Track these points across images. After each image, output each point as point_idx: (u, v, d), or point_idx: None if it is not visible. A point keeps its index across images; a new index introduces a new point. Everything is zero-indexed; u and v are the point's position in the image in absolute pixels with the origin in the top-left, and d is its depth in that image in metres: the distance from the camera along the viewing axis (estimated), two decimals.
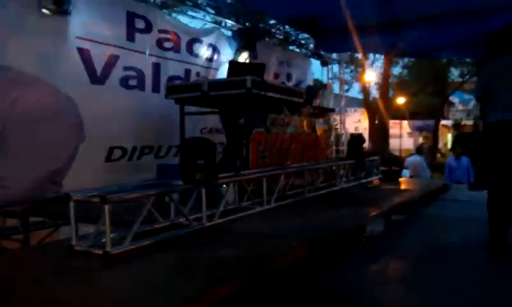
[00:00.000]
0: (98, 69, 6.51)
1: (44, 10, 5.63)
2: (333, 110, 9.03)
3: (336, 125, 13.39)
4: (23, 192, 5.14)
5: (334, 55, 12.14)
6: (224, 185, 4.31)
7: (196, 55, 8.15)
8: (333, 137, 10.62)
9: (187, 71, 8.02)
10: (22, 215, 4.48)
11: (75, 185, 5.37)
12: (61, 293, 2.45)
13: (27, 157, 5.46)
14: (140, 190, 3.49)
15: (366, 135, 18.21)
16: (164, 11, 7.55)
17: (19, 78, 5.59)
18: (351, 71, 25.61)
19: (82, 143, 6.21)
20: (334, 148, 11.27)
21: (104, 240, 3.03)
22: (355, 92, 28.21)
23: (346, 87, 13.74)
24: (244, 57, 6.99)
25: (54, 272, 2.83)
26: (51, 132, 5.81)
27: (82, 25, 6.18)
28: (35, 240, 4.98)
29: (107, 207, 2.96)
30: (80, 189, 4.20)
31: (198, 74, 8.17)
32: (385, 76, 22.54)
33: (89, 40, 6.31)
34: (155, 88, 7.38)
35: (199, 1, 7.86)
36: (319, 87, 10.66)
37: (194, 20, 8.25)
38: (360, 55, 17.24)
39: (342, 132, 12.50)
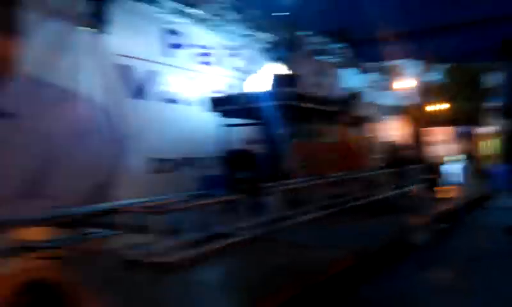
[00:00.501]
0: (139, 84, 6.72)
1: (87, 29, 5.85)
2: (370, 118, 8.97)
3: (373, 133, 13.22)
4: (74, 203, 5.33)
5: (369, 64, 12.10)
6: (267, 195, 4.35)
7: (233, 68, 8.29)
8: (370, 146, 10.51)
9: (224, 84, 8.16)
10: (75, 225, 4.64)
11: (121, 196, 5.54)
12: (116, 300, 2.54)
13: (75, 171, 5.67)
14: (188, 200, 3.58)
15: (404, 143, 17.89)
16: (201, 27, 7.70)
17: (63, 95, 5.83)
18: (387, 78, 25.23)
19: (126, 156, 6.41)
20: (372, 156, 11.15)
21: (155, 248, 3.11)
22: (391, 99, 27.77)
23: (382, 94, 13.58)
24: (279, 69, 7.07)
25: (108, 279, 2.94)
26: (96, 146, 6.03)
27: (123, 42, 6.38)
28: (87, 249, 5.13)
29: (158, 217, 3.06)
30: (126, 200, 4.35)
31: (233, 86, 8.29)
32: (422, 82, 22.16)
33: (130, 57, 6.52)
34: (193, 101, 7.55)
35: (235, 16, 7.98)
36: (355, 95, 10.61)
37: (230, 34, 8.39)
38: (395, 63, 17.04)
39: (379, 140, 12.33)
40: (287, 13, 8.56)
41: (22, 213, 4.72)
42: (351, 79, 11.82)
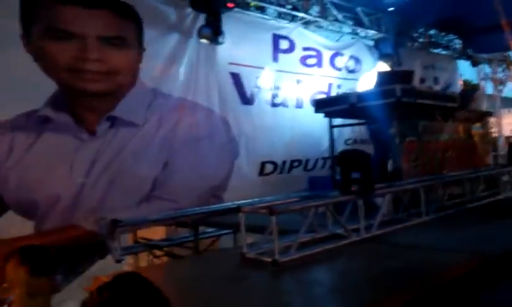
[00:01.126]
0: (248, 90, 7.00)
1: (202, 40, 6.24)
2: (490, 113, 8.33)
3: (493, 128, 12.25)
4: (190, 205, 5.73)
5: (487, 55, 11.27)
6: (379, 196, 4.25)
7: (338, 69, 8.26)
8: (491, 142, 9.76)
9: (329, 85, 8.16)
10: (192, 225, 4.97)
11: (233, 198, 5.81)
12: (238, 294, 2.69)
13: (191, 174, 6.07)
14: (301, 201, 3.65)
15: None
16: (306, 28, 7.78)
17: (179, 103, 6.27)
18: (503, 70, 23.17)
19: (237, 159, 6.71)
20: (493, 153, 10.34)
21: (271, 248, 3.21)
22: (509, 91, 25.45)
23: (500, 87, 12.55)
24: (387, 66, 6.88)
25: (230, 275, 3.11)
26: (210, 150, 6.39)
27: (234, 51, 6.71)
28: (201, 248, 5.47)
29: (274, 218, 3.16)
30: (239, 201, 4.56)
31: (339, 86, 8.25)
32: None
33: (240, 65, 6.83)
34: (299, 104, 7.66)
35: (340, 16, 7.94)
36: (473, 90, 9.95)
37: (335, 34, 8.36)
38: None
39: (501, 135, 11.40)
40: (392, 8, 8.29)
41: (143, 215, 5.18)
42: (467, 72, 11.12)
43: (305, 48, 7.69)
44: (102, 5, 5.50)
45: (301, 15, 7.53)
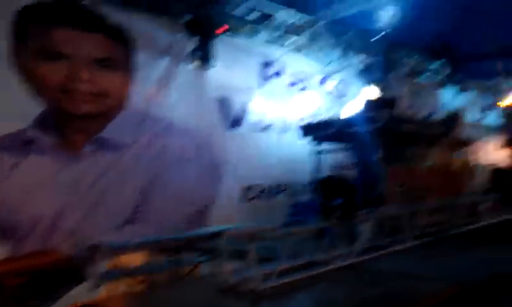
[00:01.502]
0: (235, 115, 7.02)
1: (193, 64, 6.28)
2: (471, 140, 8.43)
3: (475, 155, 12.32)
4: (173, 228, 5.68)
5: (471, 82, 11.45)
6: (361, 223, 4.27)
7: (327, 93, 8.32)
8: (472, 169, 9.83)
9: (317, 109, 8.20)
10: (174, 250, 4.90)
11: (216, 222, 5.78)
12: None
13: (175, 197, 6.04)
14: (283, 228, 3.66)
15: (510, 165, 16.42)
16: (296, 54, 7.86)
17: (168, 127, 6.28)
18: (491, 96, 23.53)
19: (221, 184, 6.69)
20: (474, 180, 10.40)
21: (250, 275, 3.19)
22: (493, 119, 25.84)
23: (485, 114, 12.73)
24: (375, 92, 6.97)
25: (208, 304, 3.08)
26: (195, 174, 6.37)
27: (223, 75, 6.74)
28: (182, 273, 5.39)
29: (253, 245, 3.16)
30: (220, 226, 4.53)
31: (326, 111, 8.30)
32: None
33: (228, 89, 6.86)
34: (285, 128, 7.70)
35: (329, 41, 8.04)
36: (456, 116, 10.08)
37: (324, 59, 8.44)
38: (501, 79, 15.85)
39: (482, 162, 11.47)
40: (382, 34, 8.42)
41: (125, 239, 5.12)
42: (450, 98, 11.27)
43: (294, 73, 7.76)
44: (94, 28, 5.54)
45: (291, 40, 7.61)
